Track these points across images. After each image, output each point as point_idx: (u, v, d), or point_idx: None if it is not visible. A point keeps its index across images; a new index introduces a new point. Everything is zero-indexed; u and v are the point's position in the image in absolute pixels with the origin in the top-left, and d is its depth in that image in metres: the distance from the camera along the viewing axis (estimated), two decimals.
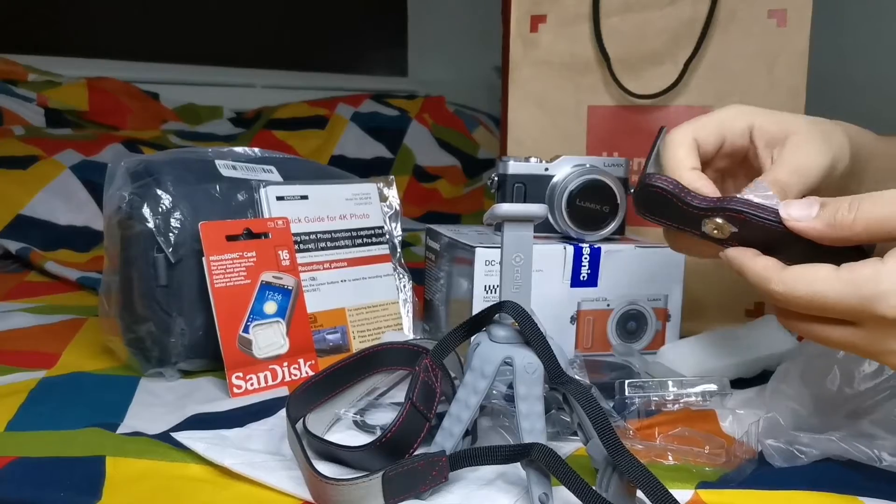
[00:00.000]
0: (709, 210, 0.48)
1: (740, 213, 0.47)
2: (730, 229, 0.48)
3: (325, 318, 0.76)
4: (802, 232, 0.46)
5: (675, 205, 0.49)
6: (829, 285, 0.44)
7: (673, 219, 0.51)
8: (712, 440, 0.57)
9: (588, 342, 0.76)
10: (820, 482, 0.52)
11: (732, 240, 0.49)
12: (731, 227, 0.48)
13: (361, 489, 0.47)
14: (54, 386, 0.68)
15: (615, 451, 0.45)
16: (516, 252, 0.53)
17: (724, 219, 0.48)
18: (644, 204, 0.51)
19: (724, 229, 0.48)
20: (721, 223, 0.48)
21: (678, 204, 0.49)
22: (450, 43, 2.42)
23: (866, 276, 0.43)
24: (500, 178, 0.79)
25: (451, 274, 0.78)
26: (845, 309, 0.44)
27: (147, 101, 1.82)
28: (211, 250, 0.69)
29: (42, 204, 1.29)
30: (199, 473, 0.53)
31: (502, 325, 0.52)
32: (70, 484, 0.51)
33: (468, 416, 0.51)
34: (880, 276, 0.43)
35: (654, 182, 0.50)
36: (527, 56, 0.90)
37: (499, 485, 0.52)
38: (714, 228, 0.49)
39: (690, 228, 0.50)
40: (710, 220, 0.48)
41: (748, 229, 0.48)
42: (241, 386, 0.68)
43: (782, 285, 0.46)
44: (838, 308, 0.44)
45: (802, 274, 0.45)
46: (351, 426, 0.61)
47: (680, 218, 0.50)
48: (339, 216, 0.79)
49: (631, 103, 0.88)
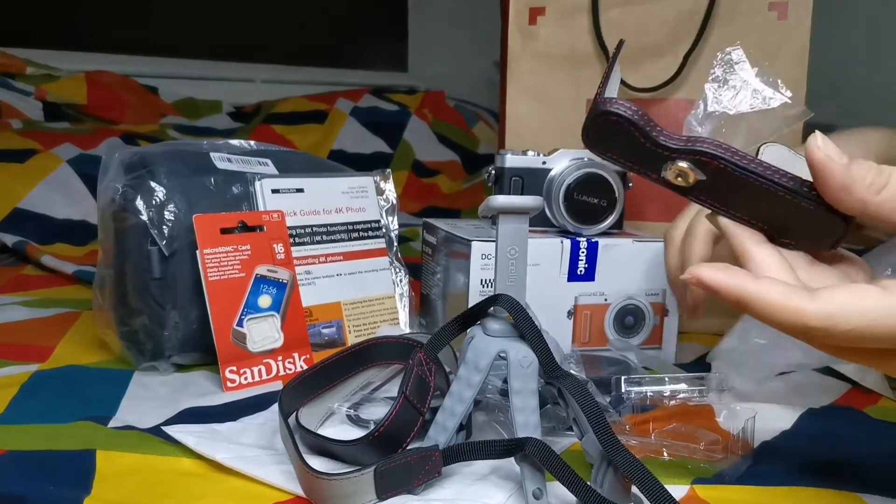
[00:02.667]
0: (677, 151, 0.40)
1: (715, 160, 0.39)
2: (696, 177, 0.40)
3: (321, 312, 0.76)
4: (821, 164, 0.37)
5: (636, 139, 0.40)
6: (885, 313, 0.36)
7: (628, 156, 0.42)
8: (708, 436, 0.56)
9: (585, 337, 0.76)
10: (818, 478, 0.52)
11: (695, 190, 0.41)
12: (698, 175, 0.40)
13: (353, 484, 0.47)
14: (47, 379, 0.68)
15: (610, 446, 0.45)
16: (511, 245, 0.52)
17: (693, 163, 0.40)
18: (597, 134, 0.42)
19: (689, 177, 0.40)
20: (687, 169, 0.40)
21: (639, 139, 0.40)
22: (450, 38, 2.41)
23: None
24: (497, 172, 0.78)
25: (448, 268, 0.78)
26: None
27: (146, 95, 1.81)
28: (205, 243, 0.68)
29: (39, 197, 1.29)
30: (191, 467, 0.53)
31: (497, 318, 0.52)
32: (60, 478, 0.50)
33: (462, 411, 0.51)
34: None
35: (613, 108, 0.40)
36: (525, 49, 0.89)
37: (493, 480, 0.51)
38: (678, 175, 0.41)
39: (647, 171, 0.42)
40: (674, 163, 0.40)
41: (719, 180, 0.40)
42: (234, 380, 0.68)
43: (821, 320, 0.36)
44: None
45: (846, 302, 0.36)
46: (344, 420, 0.60)
47: (638, 156, 0.41)
48: (335, 209, 0.79)
49: (630, 96, 0.87)
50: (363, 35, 2.36)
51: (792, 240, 0.41)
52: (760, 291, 0.37)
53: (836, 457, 0.55)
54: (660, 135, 0.40)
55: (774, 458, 0.55)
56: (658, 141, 0.40)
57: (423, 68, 2.44)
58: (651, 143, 0.40)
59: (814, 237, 0.41)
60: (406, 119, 1.95)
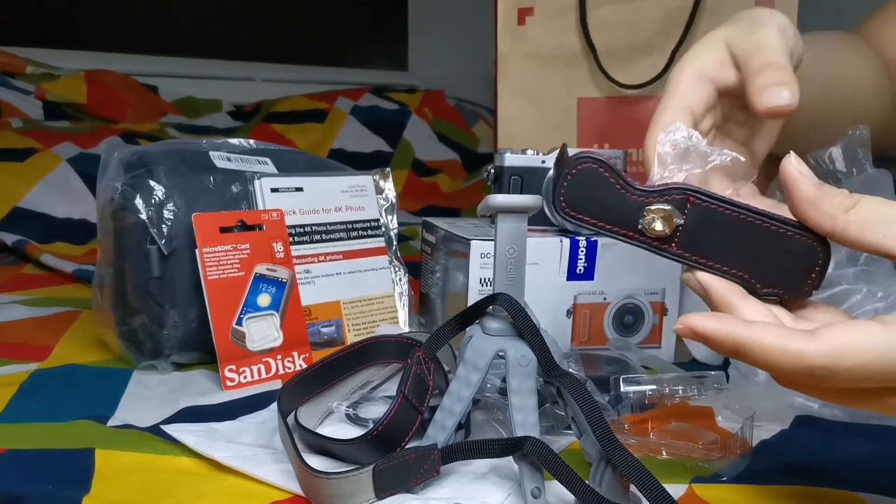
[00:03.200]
0: (655, 192, 0.40)
1: (692, 195, 0.39)
2: (675, 221, 0.40)
3: (320, 311, 0.76)
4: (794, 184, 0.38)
5: (612, 187, 0.40)
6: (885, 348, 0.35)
7: (602, 212, 0.41)
8: (707, 435, 0.56)
9: (584, 336, 0.76)
10: (816, 478, 0.52)
11: (673, 242, 0.40)
12: (676, 218, 0.40)
13: (352, 482, 0.47)
14: (46, 378, 0.68)
15: (609, 445, 0.45)
16: (510, 244, 0.52)
17: (670, 204, 0.40)
18: (571, 190, 0.41)
19: (667, 221, 0.40)
20: (666, 211, 0.40)
21: (616, 185, 0.40)
22: (450, 37, 2.41)
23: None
24: (496, 171, 0.78)
25: (447, 267, 0.78)
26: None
27: (146, 94, 1.81)
28: (204, 242, 0.68)
29: (39, 196, 1.29)
30: (189, 466, 0.53)
31: (495, 317, 0.52)
32: (59, 477, 0.50)
33: (461, 410, 0.51)
34: None
35: (588, 155, 0.41)
36: (515, 49, 0.89)
37: (491, 479, 0.51)
38: (656, 219, 0.40)
39: (623, 227, 0.41)
40: (652, 207, 0.40)
41: (697, 222, 0.40)
42: (234, 379, 0.68)
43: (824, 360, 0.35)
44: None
45: (848, 339, 0.35)
46: (343, 419, 0.60)
47: (614, 208, 0.40)
48: (334, 208, 0.79)
49: (620, 94, 0.87)
50: (363, 34, 2.36)
51: (773, 285, 0.40)
52: (755, 336, 0.36)
53: (834, 456, 0.55)
54: (634, 182, 0.40)
55: (773, 458, 0.55)
56: (635, 186, 0.40)
57: (423, 67, 2.44)
58: (628, 189, 0.40)
59: (794, 275, 0.40)
60: (406, 118, 1.95)
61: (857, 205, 0.37)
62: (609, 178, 0.40)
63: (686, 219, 0.40)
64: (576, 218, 0.41)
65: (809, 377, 0.36)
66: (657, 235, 0.40)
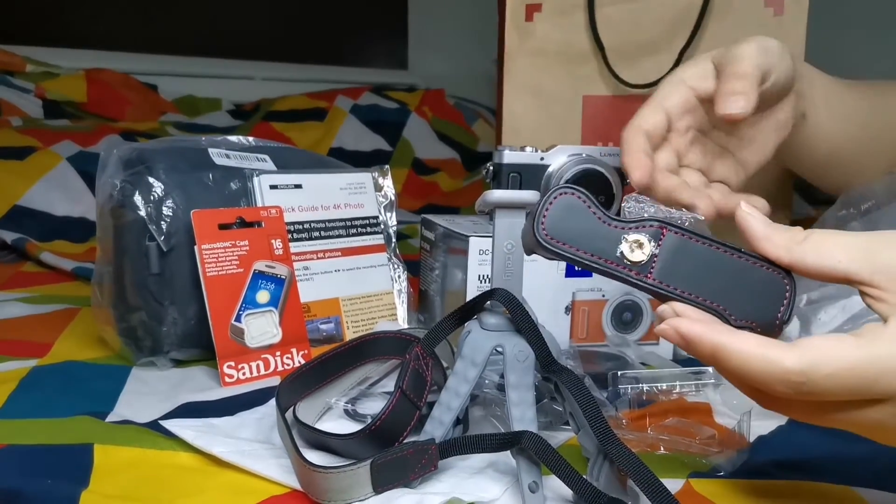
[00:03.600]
0: (632, 222, 0.42)
1: (665, 226, 0.42)
2: (651, 250, 0.42)
3: (319, 308, 0.76)
4: (748, 226, 0.41)
5: (592, 216, 0.42)
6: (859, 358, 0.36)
7: (582, 241, 0.42)
8: (704, 430, 0.56)
9: (583, 333, 0.76)
10: (813, 473, 0.52)
11: (650, 271, 0.42)
12: (652, 248, 0.42)
13: (350, 477, 0.47)
14: (45, 375, 0.68)
15: (606, 441, 0.45)
16: (508, 239, 0.53)
17: (647, 234, 0.42)
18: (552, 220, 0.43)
19: (644, 249, 0.42)
20: (643, 239, 0.42)
21: (595, 214, 0.42)
22: (450, 36, 2.41)
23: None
24: (495, 168, 0.78)
25: (446, 264, 0.78)
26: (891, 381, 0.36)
27: (146, 92, 1.82)
28: (203, 239, 0.69)
29: (39, 195, 1.29)
30: (188, 462, 0.53)
31: (493, 312, 0.52)
32: (58, 471, 0.50)
33: (458, 405, 0.51)
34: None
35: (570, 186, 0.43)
36: (522, 45, 0.89)
37: (489, 473, 0.51)
38: (633, 246, 0.42)
39: (602, 256, 0.42)
40: (630, 235, 0.42)
41: (672, 252, 0.42)
42: (232, 375, 0.68)
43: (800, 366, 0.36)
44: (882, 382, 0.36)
45: (825, 348, 0.37)
46: (342, 415, 0.61)
47: (593, 237, 0.42)
48: (333, 205, 0.79)
49: (626, 93, 0.87)
50: (363, 33, 2.36)
51: (746, 317, 0.41)
52: (736, 341, 0.38)
53: (831, 451, 0.55)
54: (612, 214, 0.42)
55: (770, 453, 0.55)
56: (613, 216, 0.42)
57: (423, 66, 2.44)
58: (607, 219, 0.42)
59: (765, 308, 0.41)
60: (406, 117, 1.95)
61: (809, 236, 0.40)
62: (588, 207, 0.42)
63: (661, 249, 0.42)
64: (556, 246, 0.43)
65: (786, 384, 0.37)
66: (634, 263, 0.42)
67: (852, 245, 0.38)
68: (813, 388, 0.37)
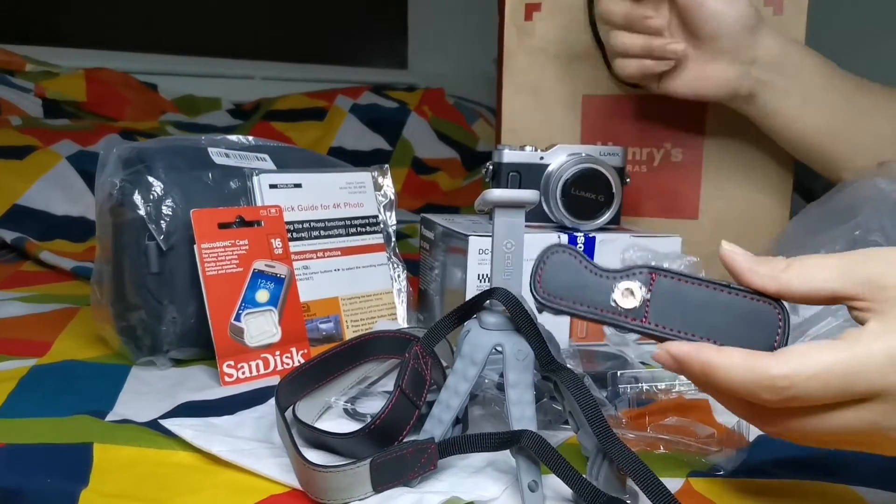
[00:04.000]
0: (622, 272, 0.44)
1: (654, 272, 0.43)
2: (642, 295, 0.43)
3: (318, 307, 0.76)
4: (732, 263, 0.42)
5: (584, 270, 0.44)
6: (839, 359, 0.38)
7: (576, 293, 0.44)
8: (704, 429, 0.56)
9: (582, 332, 0.76)
10: (812, 472, 0.52)
11: (644, 314, 0.43)
12: (643, 293, 0.43)
13: (349, 476, 0.47)
14: (45, 374, 0.68)
15: (606, 440, 0.45)
16: (507, 239, 0.53)
17: (637, 280, 0.44)
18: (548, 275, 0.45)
19: (635, 295, 0.43)
20: (633, 286, 0.43)
21: (587, 268, 0.44)
22: (449, 35, 2.41)
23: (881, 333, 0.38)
24: (494, 167, 0.78)
25: (446, 263, 0.78)
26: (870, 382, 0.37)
27: (145, 92, 1.82)
28: (203, 238, 0.69)
29: (38, 194, 1.29)
30: (187, 460, 0.53)
31: (493, 311, 0.52)
32: (57, 470, 0.50)
33: (458, 404, 0.51)
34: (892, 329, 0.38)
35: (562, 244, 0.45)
36: (521, 45, 0.89)
37: (488, 472, 0.51)
38: (625, 293, 0.44)
39: (596, 305, 0.44)
40: (620, 283, 0.44)
41: (662, 295, 0.43)
42: (232, 374, 0.68)
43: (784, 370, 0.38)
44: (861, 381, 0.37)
45: (808, 352, 0.38)
46: (341, 414, 0.61)
47: (586, 289, 0.44)
48: (332, 205, 0.79)
49: (626, 92, 0.87)
50: (363, 32, 2.36)
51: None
52: (722, 356, 0.40)
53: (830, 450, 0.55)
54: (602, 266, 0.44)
55: (769, 452, 0.55)
56: (603, 268, 0.44)
57: (423, 65, 2.44)
58: (598, 271, 0.44)
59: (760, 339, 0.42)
60: (405, 116, 1.95)
61: (792, 263, 0.41)
62: (579, 262, 0.44)
63: (652, 294, 0.43)
64: (553, 302, 0.44)
65: (772, 390, 0.38)
66: (628, 310, 0.43)
67: (833, 265, 0.40)
68: (797, 392, 0.38)
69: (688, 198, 0.89)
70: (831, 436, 0.40)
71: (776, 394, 0.38)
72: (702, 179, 0.88)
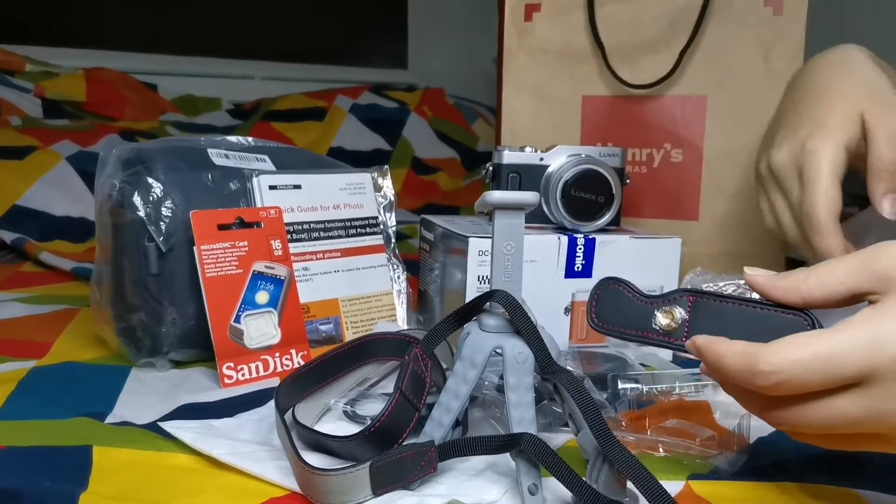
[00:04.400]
0: (662, 297, 0.48)
1: (691, 294, 0.47)
2: (681, 316, 0.47)
3: (318, 309, 0.76)
4: (756, 284, 0.45)
5: (630, 298, 0.49)
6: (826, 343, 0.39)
7: (625, 320, 0.49)
8: (704, 432, 0.56)
9: (582, 333, 0.76)
10: (813, 474, 0.52)
11: (684, 335, 0.47)
12: (682, 315, 0.47)
13: (349, 479, 0.47)
14: (44, 375, 0.68)
15: (605, 442, 0.45)
16: (507, 240, 0.52)
17: (677, 304, 0.48)
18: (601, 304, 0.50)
19: (675, 317, 0.47)
20: (672, 310, 0.48)
21: (632, 296, 0.49)
22: (449, 35, 2.41)
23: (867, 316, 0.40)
24: (494, 168, 0.78)
25: (445, 264, 0.78)
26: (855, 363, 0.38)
27: (145, 92, 1.82)
28: (202, 239, 0.68)
29: (38, 194, 1.29)
30: (187, 463, 0.53)
31: (492, 314, 0.52)
32: (56, 473, 0.50)
33: (458, 406, 0.51)
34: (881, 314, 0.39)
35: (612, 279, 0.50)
36: (521, 45, 0.89)
37: (488, 475, 0.51)
38: (666, 316, 0.48)
39: (641, 329, 0.49)
40: (661, 308, 0.48)
41: (700, 315, 0.47)
42: (232, 376, 0.68)
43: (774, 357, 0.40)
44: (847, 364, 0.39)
45: (793, 340, 0.40)
46: (341, 417, 0.60)
47: (633, 315, 0.49)
48: (332, 206, 0.79)
49: (626, 93, 0.87)
50: (363, 32, 2.36)
51: None
52: (729, 346, 0.42)
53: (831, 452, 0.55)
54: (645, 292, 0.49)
55: (770, 454, 0.55)
56: (646, 294, 0.49)
57: (423, 65, 2.44)
58: (642, 298, 0.49)
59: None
60: (405, 116, 1.95)
61: (811, 271, 0.43)
62: (626, 292, 0.49)
63: (690, 314, 0.47)
64: (605, 328, 0.50)
65: (762, 376, 0.40)
66: (668, 331, 0.48)
67: (847, 266, 0.42)
68: (785, 377, 0.39)
69: (688, 199, 0.89)
70: (832, 427, 0.41)
71: (765, 379, 0.40)
72: (702, 180, 0.88)
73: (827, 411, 0.40)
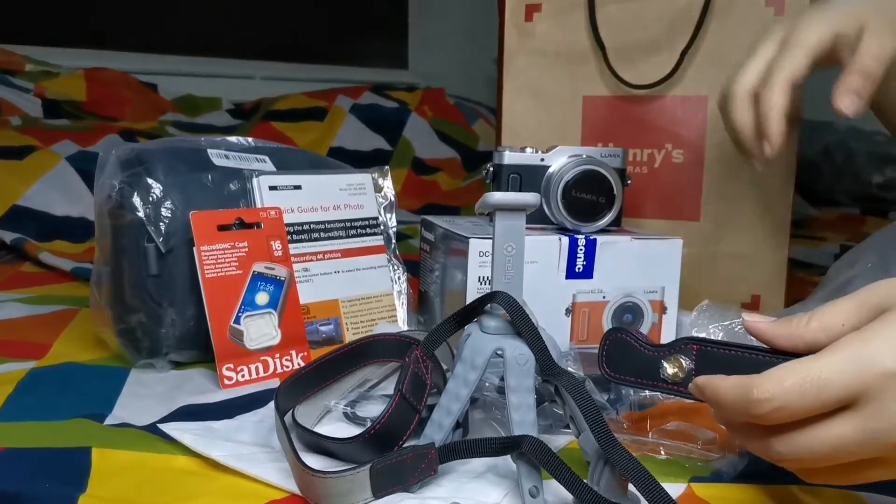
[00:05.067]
0: (668, 347, 0.49)
1: (696, 343, 0.48)
2: (687, 365, 0.49)
3: (318, 310, 0.76)
4: (758, 332, 0.46)
5: (638, 349, 0.50)
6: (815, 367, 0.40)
7: (634, 370, 0.51)
8: (706, 434, 0.56)
9: (583, 334, 0.75)
10: None
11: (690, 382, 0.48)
12: (688, 364, 0.49)
13: (349, 482, 0.47)
14: (43, 376, 0.68)
15: (607, 444, 0.45)
16: (508, 242, 0.52)
17: (682, 354, 0.49)
18: (611, 354, 0.52)
19: (682, 366, 0.49)
20: (679, 359, 0.49)
21: (640, 347, 0.50)
22: (450, 35, 2.41)
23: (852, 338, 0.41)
24: (495, 169, 0.78)
25: (446, 265, 0.78)
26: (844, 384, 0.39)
27: (145, 92, 1.81)
28: (202, 240, 0.68)
29: (38, 194, 1.29)
30: (186, 465, 0.52)
31: (493, 315, 0.51)
32: (55, 475, 0.50)
33: (458, 408, 0.51)
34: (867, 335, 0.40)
35: (622, 329, 0.52)
36: (522, 45, 0.89)
37: (489, 478, 0.51)
38: (673, 366, 0.49)
39: (650, 378, 0.50)
40: (668, 358, 0.49)
41: (705, 364, 0.48)
42: (231, 377, 0.68)
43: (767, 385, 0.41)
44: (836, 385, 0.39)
45: (784, 367, 0.41)
46: (341, 418, 0.60)
47: (641, 365, 0.50)
48: (332, 206, 0.79)
49: (627, 93, 0.87)
50: (363, 32, 2.36)
51: None
52: (724, 380, 0.44)
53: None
54: (652, 342, 0.51)
55: None
56: (652, 345, 0.50)
57: (423, 65, 2.44)
58: (648, 347, 0.50)
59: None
60: (406, 116, 1.95)
61: (812, 315, 0.44)
62: (633, 342, 0.51)
63: (696, 363, 0.48)
64: (615, 377, 0.51)
65: (756, 404, 0.41)
66: (675, 380, 0.49)
67: (847, 308, 0.43)
68: (779, 403, 0.40)
69: (689, 199, 0.89)
70: (832, 454, 0.41)
71: (761, 407, 0.41)
72: (703, 181, 0.88)
73: (826, 436, 0.41)
